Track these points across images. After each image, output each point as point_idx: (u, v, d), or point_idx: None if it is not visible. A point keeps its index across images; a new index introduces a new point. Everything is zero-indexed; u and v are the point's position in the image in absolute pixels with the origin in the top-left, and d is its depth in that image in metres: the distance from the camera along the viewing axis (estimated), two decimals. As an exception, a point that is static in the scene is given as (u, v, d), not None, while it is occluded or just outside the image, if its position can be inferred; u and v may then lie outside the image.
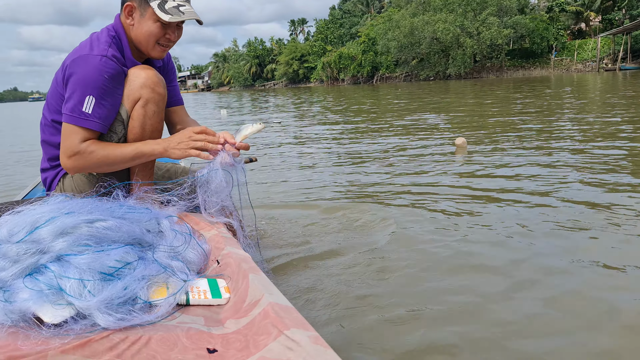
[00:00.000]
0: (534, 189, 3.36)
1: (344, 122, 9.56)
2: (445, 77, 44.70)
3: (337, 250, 2.38)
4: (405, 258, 2.25)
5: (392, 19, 47.48)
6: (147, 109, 1.57)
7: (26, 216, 1.10)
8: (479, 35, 41.44)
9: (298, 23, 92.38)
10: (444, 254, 2.28)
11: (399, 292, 1.92)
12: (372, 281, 2.02)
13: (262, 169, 4.84)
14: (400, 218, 2.86)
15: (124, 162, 1.57)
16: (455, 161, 4.60)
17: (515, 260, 2.18)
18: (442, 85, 28.39)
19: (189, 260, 1.22)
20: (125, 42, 1.62)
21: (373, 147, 5.80)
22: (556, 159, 4.33)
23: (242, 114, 15.13)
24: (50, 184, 1.72)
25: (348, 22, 70.70)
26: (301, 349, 0.81)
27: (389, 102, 15.31)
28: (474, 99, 13.91)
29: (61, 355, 0.84)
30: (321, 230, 2.69)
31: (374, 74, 53.40)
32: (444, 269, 2.13)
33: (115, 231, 1.10)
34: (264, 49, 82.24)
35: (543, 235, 2.46)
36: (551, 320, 1.67)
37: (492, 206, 3.01)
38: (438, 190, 3.46)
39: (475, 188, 3.48)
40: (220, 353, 0.90)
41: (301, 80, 69.69)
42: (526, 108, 9.75)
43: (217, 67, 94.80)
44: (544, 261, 2.14)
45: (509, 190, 3.38)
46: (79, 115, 1.49)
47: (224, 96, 40.87)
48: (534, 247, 2.31)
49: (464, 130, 6.76)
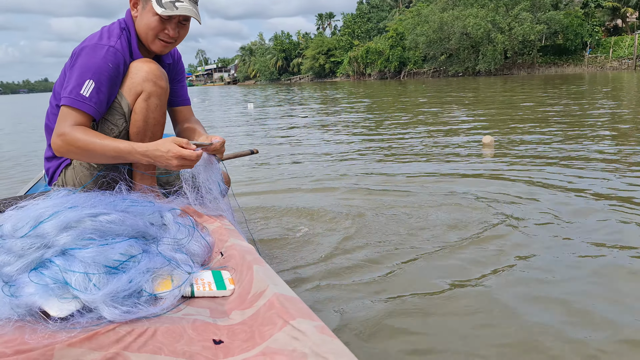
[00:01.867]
0: (575, 185, 3.27)
1: (379, 117, 9.43)
2: (474, 74, 43.79)
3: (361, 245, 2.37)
4: (416, 249, 2.25)
5: (421, 14, 46.77)
6: (149, 103, 1.57)
7: (30, 211, 1.10)
8: (511, 31, 40.38)
9: (325, 17, 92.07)
10: (466, 249, 2.24)
11: (409, 285, 1.92)
12: (381, 274, 2.03)
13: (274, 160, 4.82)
14: (416, 211, 2.84)
15: (104, 155, 1.49)
16: (482, 159, 4.50)
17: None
18: (472, 82, 27.84)
19: (193, 252, 1.22)
20: (134, 35, 1.63)
21: (406, 142, 5.69)
22: (590, 156, 4.20)
23: (267, 105, 15.22)
24: (53, 175, 1.72)
25: (376, 17, 70.00)
26: (307, 339, 0.81)
27: (419, 97, 15.11)
28: (505, 96, 13.57)
29: (68, 348, 0.84)
30: (353, 225, 2.66)
31: (402, 69, 52.67)
32: (457, 264, 2.11)
33: (119, 225, 1.10)
34: (291, 42, 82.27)
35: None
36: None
37: (516, 205, 2.94)
38: (467, 189, 3.35)
39: (502, 185, 3.40)
40: (226, 344, 0.90)
41: (327, 74, 69.39)
42: (559, 105, 9.51)
43: (244, 61, 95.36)
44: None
45: (539, 184, 3.30)
46: (76, 96, 1.48)
47: (249, 90, 41.14)
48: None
49: (493, 128, 6.61)
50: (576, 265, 2.02)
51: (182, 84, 1.90)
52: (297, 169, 4.44)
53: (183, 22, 1.63)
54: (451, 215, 2.72)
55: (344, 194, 3.35)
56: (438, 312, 1.68)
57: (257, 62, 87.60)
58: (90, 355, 0.84)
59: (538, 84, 20.30)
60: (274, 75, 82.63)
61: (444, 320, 1.63)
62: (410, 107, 11.24)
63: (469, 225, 2.54)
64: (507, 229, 2.47)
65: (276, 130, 7.88)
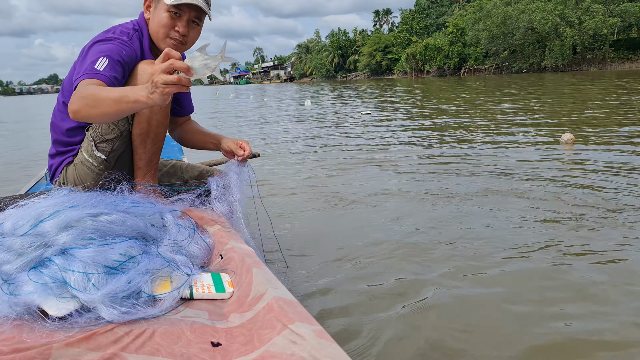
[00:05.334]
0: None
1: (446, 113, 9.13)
2: (539, 70, 41.68)
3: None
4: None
5: (484, 9, 45.09)
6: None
7: (30, 210, 1.10)
8: (581, 25, 38.13)
9: (383, 14, 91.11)
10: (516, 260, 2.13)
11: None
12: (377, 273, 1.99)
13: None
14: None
15: (109, 103, 1.34)
16: (561, 157, 4.26)
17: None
18: (537, 78, 26.57)
19: (193, 254, 1.22)
20: (147, 36, 1.64)
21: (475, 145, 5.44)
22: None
23: (324, 101, 15.16)
24: (54, 172, 1.74)
25: (435, 12, 68.63)
26: (305, 343, 0.81)
27: (486, 94, 14.51)
28: (577, 92, 12.80)
29: (66, 348, 0.84)
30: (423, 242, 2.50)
31: (461, 65, 51.09)
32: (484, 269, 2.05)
33: (119, 225, 1.10)
34: (347, 39, 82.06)
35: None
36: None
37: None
38: (545, 192, 3.16)
39: (585, 185, 3.24)
40: (224, 347, 0.90)
41: (384, 72, 68.62)
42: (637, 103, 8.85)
43: (300, 58, 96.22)
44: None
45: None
46: (90, 70, 1.46)
47: (304, 87, 41.34)
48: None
49: (569, 126, 6.29)
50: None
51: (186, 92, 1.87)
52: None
53: (194, 21, 1.63)
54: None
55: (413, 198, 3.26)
56: (445, 322, 1.64)
57: (313, 60, 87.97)
58: (88, 355, 0.84)
59: (611, 80, 18.93)
60: (330, 73, 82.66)
61: (444, 325, 1.59)
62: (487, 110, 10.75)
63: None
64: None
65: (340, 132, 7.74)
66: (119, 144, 1.62)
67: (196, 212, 1.58)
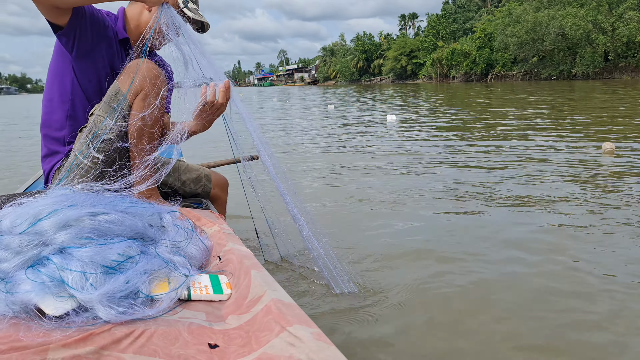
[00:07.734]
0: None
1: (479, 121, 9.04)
2: (569, 77, 40.69)
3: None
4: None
5: (513, 14, 44.33)
6: (148, 102, 1.57)
7: (29, 208, 1.10)
8: (614, 32, 37.05)
9: (409, 18, 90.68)
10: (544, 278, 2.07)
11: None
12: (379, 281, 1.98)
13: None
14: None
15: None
16: (603, 167, 4.19)
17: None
18: (568, 86, 25.98)
19: (191, 255, 1.21)
20: (121, 18, 1.72)
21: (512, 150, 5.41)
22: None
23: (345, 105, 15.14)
24: (47, 176, 1.74)
25: (462, 17, 67.81)
26: (304, 345, 0.81)
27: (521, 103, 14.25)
28: (614, 101, 12.44)
29: (62, 347, 0.84)
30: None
31: (489, 71, 50.24)
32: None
33: (117, 225, 1.10)
34: (372, 43, 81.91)
35: None
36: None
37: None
38: (590, 205, 3.09)
39: (625, 195, 3.21)
40: (221, 348, 0.90)
41: (409, 76, 68.08)
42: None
43: (324, 61, 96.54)
44: None
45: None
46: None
47: (330, 90, 41.49)
48: None
49: (609, 135, 6.22)
50: None
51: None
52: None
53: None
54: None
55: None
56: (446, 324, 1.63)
57: (337, 63, 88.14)
58: (85, 355, 0.83)
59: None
60: (354, 76, 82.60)
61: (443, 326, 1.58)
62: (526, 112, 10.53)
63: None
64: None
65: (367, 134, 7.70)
66: (115, 143, 1.61)
67: (195, 213, 1.58)
